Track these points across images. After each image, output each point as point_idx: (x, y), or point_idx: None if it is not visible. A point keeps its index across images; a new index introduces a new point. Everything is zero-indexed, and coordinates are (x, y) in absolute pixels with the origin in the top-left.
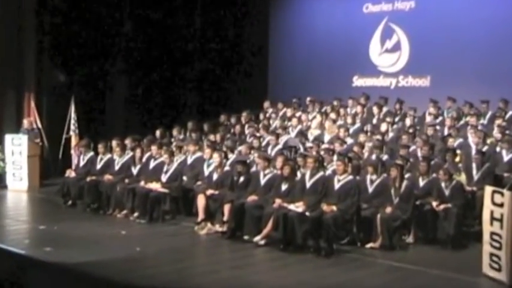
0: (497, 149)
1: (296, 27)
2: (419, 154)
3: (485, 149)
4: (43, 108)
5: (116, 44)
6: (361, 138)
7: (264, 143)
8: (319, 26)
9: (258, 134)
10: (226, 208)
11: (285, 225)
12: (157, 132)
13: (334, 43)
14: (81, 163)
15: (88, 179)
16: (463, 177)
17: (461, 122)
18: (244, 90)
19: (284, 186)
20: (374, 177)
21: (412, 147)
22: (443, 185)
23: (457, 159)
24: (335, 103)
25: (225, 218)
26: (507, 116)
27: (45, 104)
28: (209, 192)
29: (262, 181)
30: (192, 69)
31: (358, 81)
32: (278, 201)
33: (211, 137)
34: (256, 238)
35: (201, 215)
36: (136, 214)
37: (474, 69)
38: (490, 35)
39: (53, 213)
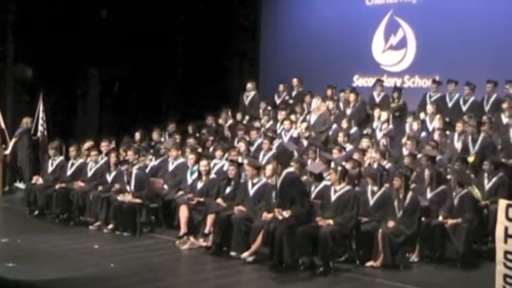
0: None
1: (290, 20)
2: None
3: None
4: (7, 107)
5: (91, 34)
6: (364, 143)
7: (254, 148)
8: (316, 19)
9: (247, 138)
10: (209, 220)
11: (272, 241)
12: (137, 135)
13: (333, 38)
14: (50, 168)
15: (57, 186)
16: (476, 191)
17: None
18: (231, 90)
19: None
20: (375, 188)
21: (419, 155)
22: (452, 196)
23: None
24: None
25: (206, 230)
26: None
27: (9, 102)
28: (192, 202)
29: (251, 191)
30: (176, 63)
31: (359, 81)
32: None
33: (194, 142)
34: (244, 254)
35: (183, 228)
36: (110, 226)
37: (488, 68)
38: (505, 31)
39: (16, 224)
